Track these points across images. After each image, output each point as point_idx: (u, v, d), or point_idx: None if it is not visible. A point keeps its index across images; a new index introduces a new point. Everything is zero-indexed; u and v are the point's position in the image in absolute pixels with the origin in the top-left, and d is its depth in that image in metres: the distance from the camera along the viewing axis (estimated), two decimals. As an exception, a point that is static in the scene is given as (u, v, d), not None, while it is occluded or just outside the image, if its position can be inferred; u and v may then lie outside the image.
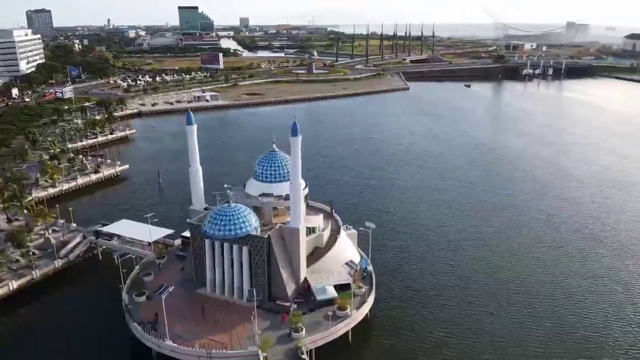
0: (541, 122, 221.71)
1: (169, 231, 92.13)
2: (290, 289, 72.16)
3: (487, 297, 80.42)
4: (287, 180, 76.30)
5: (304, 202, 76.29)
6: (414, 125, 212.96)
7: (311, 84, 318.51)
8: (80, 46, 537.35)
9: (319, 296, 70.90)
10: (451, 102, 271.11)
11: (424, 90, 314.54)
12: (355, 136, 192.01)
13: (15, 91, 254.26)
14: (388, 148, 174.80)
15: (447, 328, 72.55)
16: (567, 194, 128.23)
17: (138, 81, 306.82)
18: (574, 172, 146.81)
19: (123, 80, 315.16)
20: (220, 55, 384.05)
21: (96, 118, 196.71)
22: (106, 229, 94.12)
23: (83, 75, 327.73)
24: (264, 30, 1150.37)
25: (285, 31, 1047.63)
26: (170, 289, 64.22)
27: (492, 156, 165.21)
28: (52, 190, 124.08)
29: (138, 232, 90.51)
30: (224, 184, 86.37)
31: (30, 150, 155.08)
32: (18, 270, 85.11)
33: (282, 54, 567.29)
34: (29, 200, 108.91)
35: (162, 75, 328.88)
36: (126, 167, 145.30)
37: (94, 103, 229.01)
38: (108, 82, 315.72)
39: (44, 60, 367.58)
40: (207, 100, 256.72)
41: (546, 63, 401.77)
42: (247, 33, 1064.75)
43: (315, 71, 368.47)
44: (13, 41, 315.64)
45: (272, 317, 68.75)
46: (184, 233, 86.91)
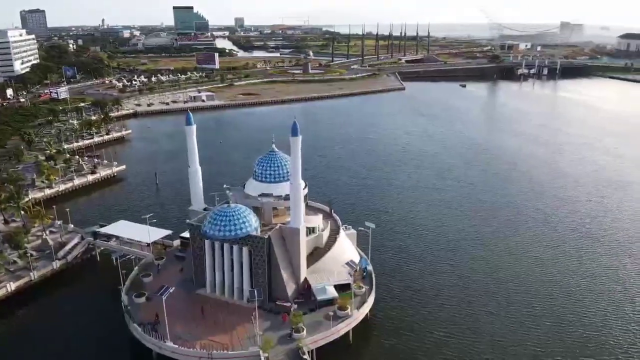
0: (536, 122, 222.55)
1: (168, 232, 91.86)
2: (290, 289, 72.12)
3: (487, 297, 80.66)
4: (287, 180, 76.33)
5: (304, 202, 76.25)
6: (410, 125, 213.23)
7: (307, 84, 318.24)
8: (74, 46, 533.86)
9: (320, 296, 70.88)
10: (446, 102, 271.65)
11: (420, 90, 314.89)
12: (351, 136, 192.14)
13: (10, 92, 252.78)
14: (385, 148, 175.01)
15: (447, 328, 72.70)
16: (564, 194, 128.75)
17: (133, 81, 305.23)
18: (570, 172, 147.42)
19: (118, 80, 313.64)
20: (216, 55, 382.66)
21: (92, 118, 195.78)
22: (104, 230, 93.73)
23: (78, 75, 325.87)
24: (259, 30, 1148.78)
25: (280, 31, 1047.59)
26: (170, 290, 64.00)
27: (488, 156, 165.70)
28: (49, 191, 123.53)
29: (136, 233, 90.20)
30: (223, 185, 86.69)
31: (26, 151, 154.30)
32: (16, 271, 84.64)
33: (278, 54, 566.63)
34: (26, 201, 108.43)
35: (158, 75, 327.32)
36: (123, 168, 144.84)
37: (90, 103, 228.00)
38: (103, 83, 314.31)
39: (39, 60, 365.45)
40: (203, 100, 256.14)
41: (541, 63, 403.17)
42: (243, 33, 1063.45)
43: (311, 71, 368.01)
44: (7, 41, 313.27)
45: (273, 318, 68.72)
46: (183, 234, 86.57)
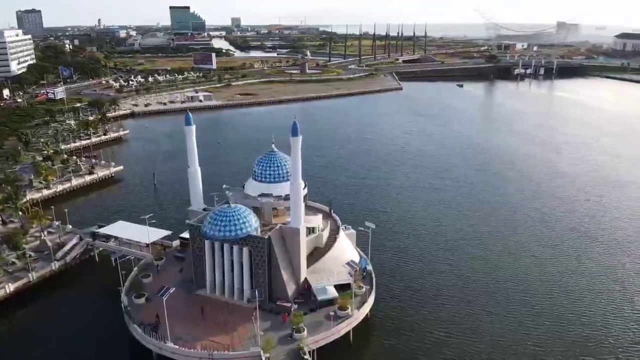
0: (533, 122, 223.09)
1: (167, 232, 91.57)
2: (290, 290, 72.05)
3: (486, 296, 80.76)
4: (287, 180, 76.31)
5: (303, 203, 76.14)
6: (408, 125, 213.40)
7: (305, 84, 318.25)
8: (70, 46, 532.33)
9: (320, 296, 70.82)
10: (444, 102, 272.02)
11: (417, 90, 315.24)
12: (350, 136, 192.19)
13: (6, 92, 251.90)
14: (383, 148, 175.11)
15: (447, 328, 72.77)
16: (562, 193, 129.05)
17: (130, 81, 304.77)
18: (568, 171, 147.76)
19: (115, 80, 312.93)
20: (213, 55, 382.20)
21: (89, 119, 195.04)
22: (103, 231, 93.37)
23: (74, 75, 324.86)
24: (256, 30, 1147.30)
25: (277, 31, 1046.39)
26: (171, 291, 63.80)
27: (486, 155, 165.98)
28: (47, 191, 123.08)
29: (135, 234, 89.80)
30: (222, 185, 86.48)
31: (23, 151, 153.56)
32: (14, 272, 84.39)
33: (275, 54, 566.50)
34: (24, 202, 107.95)
35: (155, 75, 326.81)
36: (120, 168, 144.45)
37: (87, 104, 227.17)
38: (100, 83, 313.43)
39: (35, 60, 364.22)
40: (201, 100, 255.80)
41: (538, 63, 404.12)
42: (239, 33, 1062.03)
43: (308, 71, 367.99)
44: (4, 42, 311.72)
45: (273, 318, 68.63)
46: (183, 234, 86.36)
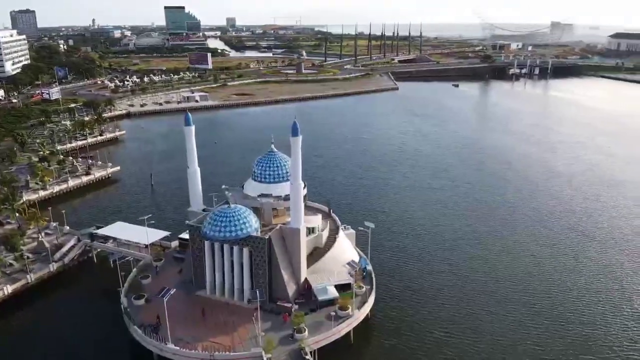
0: (529, 121, 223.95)
1: (166, 233, 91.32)
2: (291, 290, 71.98)
3: (486, 296, 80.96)
4: (286, 180, 76.24)
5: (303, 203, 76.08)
6: (404, 125, 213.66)
7: (301, 84, 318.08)
8: (65, 46, 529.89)
9: (321, 296, 70.77)
10: (440, 102, 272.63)
11: (413, 90, 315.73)
12: (346, 136, 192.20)
13: (1, 92, 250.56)
14: (380, 148, 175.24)
15: (447, 327, 72.88)
16: (559, 193, 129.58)
17: (126, 82, 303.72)
18: (564, 171, 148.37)
19: (110, 80, 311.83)
20: (208, 55, 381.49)
21: (85, 119, 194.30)
22: (101, 232, 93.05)
23: (69, 76, 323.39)
24: (251, 30, 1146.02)
25: (272, 31, 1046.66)
26: (171, 292, 63.60)
27: (483, 155, 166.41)
28: (43, 192, 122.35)
29: (134, 235, 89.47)
30: (222, 185, 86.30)
31: (19, 152, 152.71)
32: (12, 274, 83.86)
33: (270, 54, 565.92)
34: (21, 203, 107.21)
35: (150, 75, 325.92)
36: (117, 169, 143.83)
37: (82, 104, 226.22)
38: (95, 83, 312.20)
39: (30, 61, 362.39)
40: (197, 100, 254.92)
41: (532, 62, 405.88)
42: (234, 33, 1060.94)
43: (304, 71, 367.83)
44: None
45: (274, 318, 68.54)
46: (182, 235, 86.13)
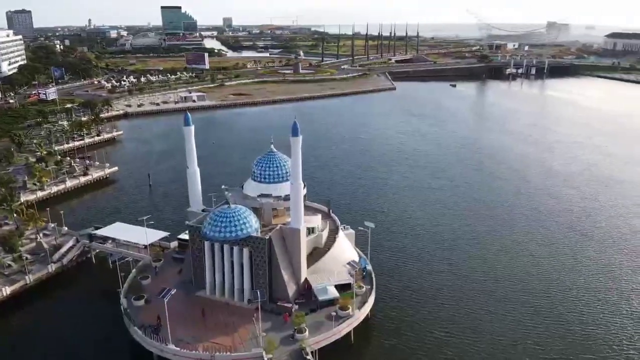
0: (526, 121, 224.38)
1: (165, 234, 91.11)
2: (291, 290, 71.93)
3: (485, 295, 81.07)
4: (286, 180, 76.19)
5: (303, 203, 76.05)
6: (402, 125, 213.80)
7: (298, 84, 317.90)
8: (61, 47, 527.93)
9: (321, 296, 70.73)
10: (437, 102, 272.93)
11: (410, 90, 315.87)
12: (344, 136, 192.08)
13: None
14: (378, 148, 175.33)
15: (447, 327, 72.92)
16: (557, 193, 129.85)
17: (123, 82, 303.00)
18: (562, 171, 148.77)
19: (107, 80, 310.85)
20: (206, 55, 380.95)
21: (82, 119, 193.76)
22: (100, 232, 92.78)
23: (66, 76, 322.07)
24: (248, 30, 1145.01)
25: (269, 31, 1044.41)
26: (172, 292, 63.47)
27: (481, 155, 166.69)
28: (41, 193, 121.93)
29: (133, 235, 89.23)
30: (221, 185, 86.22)
31: (16, 152, 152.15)
32: (10, 275, 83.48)
33: (267, 54, 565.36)
34: (19, 204, 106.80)
35: (147, 75, 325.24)
36: (115, 169, 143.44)
37: (79, 104, 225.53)
38: (92, 83, 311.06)
39: (26, 61, 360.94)
40: (194, 100, 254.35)
41: (529, 62, 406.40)
42: (231, 33, 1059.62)
43: (301, 71, 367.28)
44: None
45: (274, 318, 68.42)
46: (181, 235, 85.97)
